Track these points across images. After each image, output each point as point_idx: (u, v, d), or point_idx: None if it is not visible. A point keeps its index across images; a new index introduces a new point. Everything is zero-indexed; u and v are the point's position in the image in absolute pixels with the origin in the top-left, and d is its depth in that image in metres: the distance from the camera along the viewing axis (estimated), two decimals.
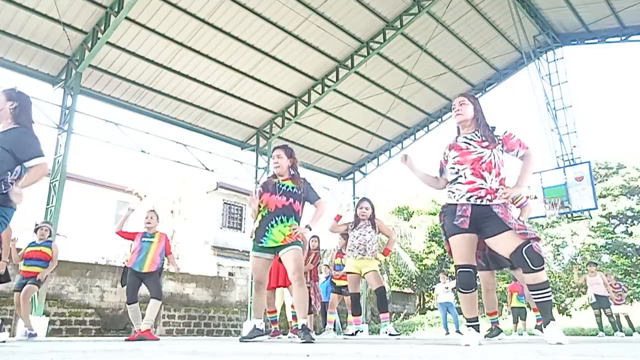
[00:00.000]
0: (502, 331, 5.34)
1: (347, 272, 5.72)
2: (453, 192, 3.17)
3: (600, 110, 56.14)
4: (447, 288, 11.83)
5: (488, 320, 5.30)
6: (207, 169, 12.54)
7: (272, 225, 3.93)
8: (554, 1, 12.52)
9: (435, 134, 15.85)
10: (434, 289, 22.78)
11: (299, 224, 4.00)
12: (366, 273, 5.57)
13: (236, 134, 13.10)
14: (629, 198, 22.50)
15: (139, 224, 5.95)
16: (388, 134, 15.18)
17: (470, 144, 3.17)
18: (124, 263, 6.20)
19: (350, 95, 13.21)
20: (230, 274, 14.96)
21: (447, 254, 23.20)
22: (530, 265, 2.81)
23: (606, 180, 23.42)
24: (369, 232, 5.62)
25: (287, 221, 3.93)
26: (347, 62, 12.09)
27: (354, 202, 15.87)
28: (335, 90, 12.66)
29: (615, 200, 22.35)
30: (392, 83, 13.20)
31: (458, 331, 11.73)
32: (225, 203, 18.33)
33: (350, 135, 14.59)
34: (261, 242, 3.96)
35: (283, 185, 4.07)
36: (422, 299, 23.33)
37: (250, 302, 12.38)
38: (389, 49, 12.25)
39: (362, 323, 14.72)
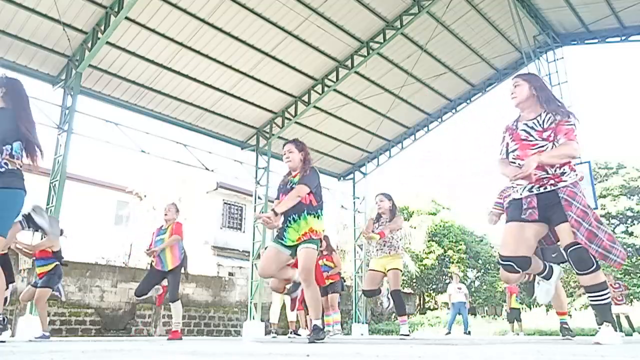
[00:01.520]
0: (571, 331, 5.10)
1: (370, 270, 5.64)
2: (515, 187, 3.04)
3: (600, 110, 56.16)
4: (459, 288, 11.86)
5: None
6: (207, 169, 12.54)
7: (288, 226, 3.89)
8: (554, 1, 12.51)
9: (436, 133, 15.85)
10: (434, 288, 22.88)
11: (315, 215, 3.89)
12: (389, 270, 5.48)
13: (236, 134, 13.10)
14: (629, 198, 22.50)
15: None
16: (388, 134, 15.17)
17: (530, 134, 2.97)
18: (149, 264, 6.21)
19: (350, 95, 13.21)
20: (230, 274, 14.97)
21: (447, 254, 23.25)
22: (575, 269, 2.74)
23: (606, 180, 23.42)
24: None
25: (299, 219, 3.85)
26: (347, 62, 12.08)
27: (354, 202, 15.89)
28: (335, 90, 12.66)
29: (615, 200, 22.34)
30: (392, 83, 13.20)
31: (467, 332, 11.72)
32: (225, 203, 18.33)
33: (350, 135, 14.59)
34: (281, 239, 3.92)
35: (290, 182, 3.99)
36: (422, 299, 23.33)
37: (251, 302, 12.38)
38: (389, 49, 12.24)
39: (363, 323, 14.78)
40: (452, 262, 22.34)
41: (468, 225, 24.71)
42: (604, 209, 21.97)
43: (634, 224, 22.25)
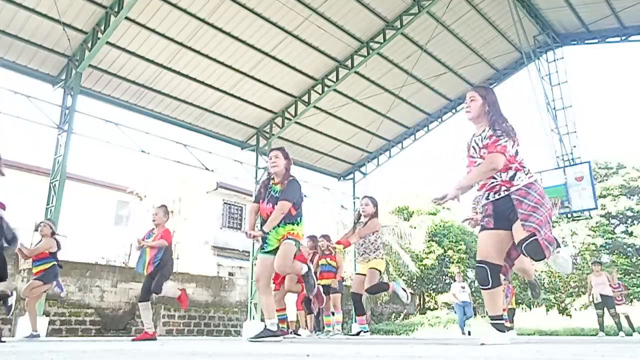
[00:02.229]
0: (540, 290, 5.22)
1: (356, 273, 5.86)
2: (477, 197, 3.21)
3: (600, 110, 56.13)
4: (463, 287, 11.86)
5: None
6: (207, 169, 12.54)
7: (268, 235, 4.11)
8: (554, 1, 12.51)
9: (436, 133, 15.86)
10: (434, 288, 22.88)
11: (294, 224, 4.11)
12: (368, 269, 5.57)
13: (236, 134, 13.10)
14: (629, 198, 22.50)
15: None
16: (388, 134, 15.17)
17: (475, 150, 3.09)
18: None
19: (350, 95, 13.21)
20: (230, 274, 14.96)
21: (447, 254, 23.26)
22: (534, 259, 2.87)
23: (606, 180, 23.42)
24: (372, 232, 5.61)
25: (278, 227, 4.07)
26: (347, 62, 12.08)
27: (354, 202, 15.89)
28: (335, 90, 12.66)
29: (615, 200, 22.34)
30: (392, 83, 13.20)
31: (468, 332, 11.74)
32: (225, 203, 18.33)
33: (350, 135, 14.59)
34: (263, 248, 4.18)
35: (272, 190, 4.21)
36: (422, 299, 23.33)
37: (251, 302, 12.39)
38: (389, 49, 12.24)
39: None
40: (452, 262, 22.34)
41: (468, 225, 24.67)
42: (604, 209, 21.98)
43: (634, 224, 22.24)
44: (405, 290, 5.63)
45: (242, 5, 10.09)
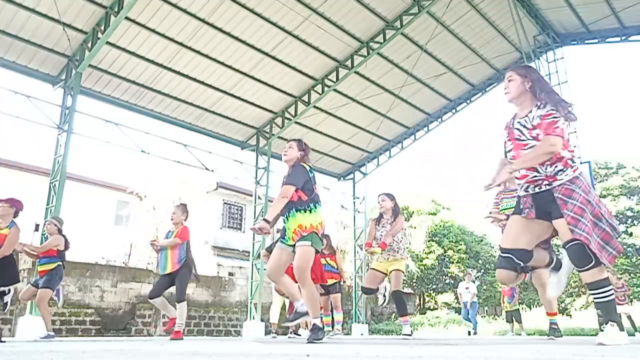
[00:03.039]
0: (559, 332, 5.02)
1: (372, 269, 5.60)
2: (518, 184, 3.04)
3: (600, 110, 56.14)
4: (467, 288, 11.88)
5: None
6: (207, 169, 12.54)
7: (284, 225, 3.95)
8: (554, 1, 12.51)
9: (436, 134, 15.86)
10: (434, 288, 22.88)
11: (305, 210, 3.85)
12: (392, 271, 5.47)
13: (236, 134, 13.10)
14: (629, 198, 22.50)
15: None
16: (388, 134, 15.17)
17: (522, 133, 2.91)
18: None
19: (350, 95, 13.21)
20: (230, 274, 14.97)
21: (447, 254, 23.19)
22: (574, 265, 2.72)
23: (606, 180, 23.42)
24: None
25: (289, 216, 3.88)
26: (347, 62, 12.08)
27: (354, 202, 15.89)
28: (335, 90, 12.66)
29: (615, 200, 22.34)
30: (392, 83, 13.19)
31: (470, 332, 11.75)
32: (225, 203, 18.34)
33: (350, 135, 14.59)
34: (283, 239, 3.95)
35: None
36: (422, 299, 23.34)
37: (251, 302, 12.38)
38: (389, 49, 12.24)
39: (363, 323, 14.77)
40: (452, 262, 22.35)
41: (468, 225, 24.72)
42: None
43: (634, 224, 22.25)
44: (384, 297, 5.62)
45: (242, 5, 10.09)
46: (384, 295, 5.65)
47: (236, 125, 12.81)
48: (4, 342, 4.62)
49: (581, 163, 12.83)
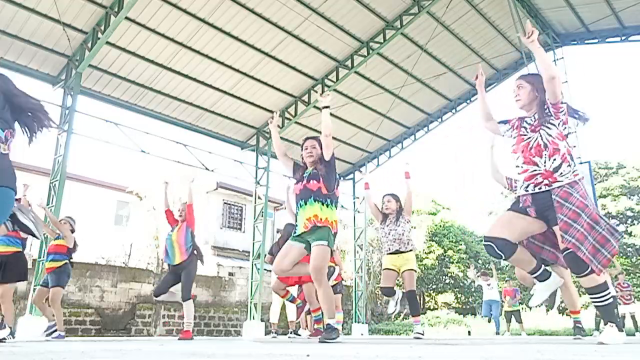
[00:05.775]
0: (584, 331, 4.97)
1: (385, 269, 5.65)
2: (517, 185, 3.15)
3: (600, 110, 56.15)
4: (489, 285, 11.71)
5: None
6: (207, 169, 12.54)
7: (297, 215, 3.96)
8: (554, 1, 12.51)
9: (435, 133, 15.86)
10: (434, 288, 22.87)
11: (323, 203, 3.85)
12: (404, 271, 5.51)
13: (236, 134, 13.10)
14: (629, 198, 22.51)
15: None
16: (388, 134, 15.17)
17: (526, 130, 3.02)
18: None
19: (350, 95, 13.21)
20: (230, 274, 14.96)
21: (447, 254, 23.16)
22: (574, 272, 2.76)
23: (606, 180, 23.43)
24: (400, 225, 5.62)
25: (305, 204, 3.88)
26: (347, 62, 12.08)
27: (354, 202, 15.88)
28: (335, 90, 12.65)
29: (615, 200, 22.35)
30: (392, 83, 13.19)
31: (497, 333, 11.53)
32: (225, 203, 18.34)
33: (350, 135, 14.58)
34: (294, 233, 3.93)
35: (306, 174, 4.09)
36: (422, 299, 23.33)
37: (251, 302, 12.38)
38: (389, 49, 12.24)
39: (363, 323, 14.77)
40: (452, 262, 22.34)
41: (468, 225, 24.73)
42: (604, 209, 21.98)
43: (634, 224, 22.26)
44: (396, 304, 5.64)
45: (242, 5, 10.09)
46: (397, 303, 5.67)
47: (236, 125, 12.81)
48: (4, 340, 4.62)
49: (581, 163, 12.83)
